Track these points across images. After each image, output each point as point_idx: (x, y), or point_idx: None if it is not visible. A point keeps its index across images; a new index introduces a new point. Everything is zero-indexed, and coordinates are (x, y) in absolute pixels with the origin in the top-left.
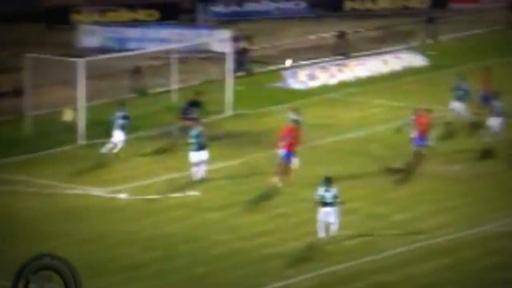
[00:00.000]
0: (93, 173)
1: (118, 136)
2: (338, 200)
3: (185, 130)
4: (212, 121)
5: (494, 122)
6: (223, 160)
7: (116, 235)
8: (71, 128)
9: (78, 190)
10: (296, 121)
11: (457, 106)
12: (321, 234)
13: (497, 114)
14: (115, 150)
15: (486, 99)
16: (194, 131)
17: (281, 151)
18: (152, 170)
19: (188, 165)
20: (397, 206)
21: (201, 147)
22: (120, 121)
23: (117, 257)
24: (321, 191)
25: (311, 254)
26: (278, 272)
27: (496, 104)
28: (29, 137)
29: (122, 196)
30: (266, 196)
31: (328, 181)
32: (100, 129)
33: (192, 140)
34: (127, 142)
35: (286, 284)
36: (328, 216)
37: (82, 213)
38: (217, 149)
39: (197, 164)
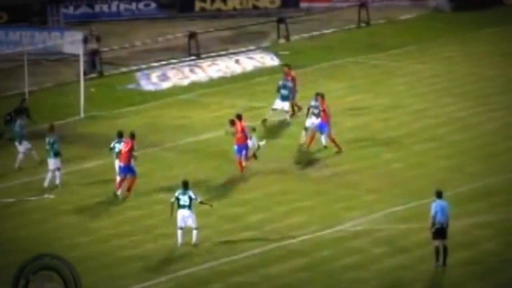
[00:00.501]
0: None
1: None
2: (196, 201)
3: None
4: (66, 123)
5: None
6: (76, 163)
7: None
8: None
9: None
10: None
11: (280, 105)
12: (180, 242)
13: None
14: None
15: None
16: (50, 138)
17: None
18: (7, 173)
19: (42, 168)
20: (252, 207)
21: (56, 154)
22: None
23: None
24: (178, 193)
25: (169, 255)
26: (136, 275)
27: (314, 104)
28: None
29: None
30: (120, 199)
31: (185, 184)
32: None
33: (48, 147)
34: None
35: (144, 287)
36: (186, 219)
37: None
38: (70, 151)
39: (53, 170)
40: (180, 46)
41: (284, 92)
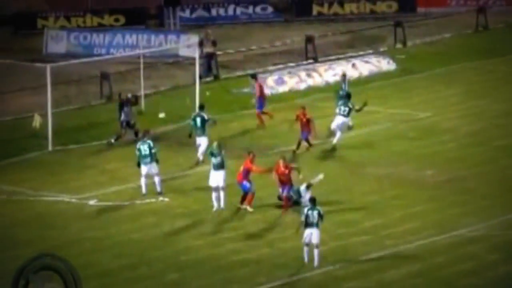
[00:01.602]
0: (62, 179)
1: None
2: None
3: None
4: (180, 128)
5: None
6: (191, 166)
7: (87, 241)
8: (38, 134)
9: (48, 197)
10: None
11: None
12: (307, 259)
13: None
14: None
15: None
16: (147, 143)
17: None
18: (120, 176)
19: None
20: (367, 212)
21: (156, 159)
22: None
23: (89, 264)
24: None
25: (283, 260)
26: (250, 279)
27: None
28: None
29: (92, 202)
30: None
31: (313, 200)
32: (67, 135)
33: (145, 153)
34: (97, 147)
35: None
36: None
37: (53, 219)
38: (185, 154)
39: (153, 175)
40: (296, 50)
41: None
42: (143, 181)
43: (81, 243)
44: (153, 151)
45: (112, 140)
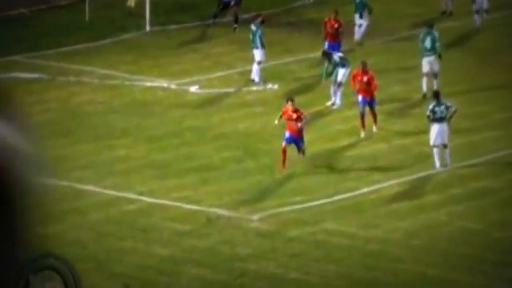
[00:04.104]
0: (161, 63)
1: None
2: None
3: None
4: (292, 8)
5: None
6: (303, 52)
7: (187, 132)
8: (134, 13)
9: (145, 82)
10: None
11: None
12: (438, 164)
13: None
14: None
15: None
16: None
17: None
18: (225, 61)
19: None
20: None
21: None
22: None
23: (189, 156)
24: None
25: (402, 156)
26: (364, 177)
27: None
28: (91, 23)
29: (193, 89)
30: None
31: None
32: (166, 14)
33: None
34: (200, 29)
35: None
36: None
37: (150, 107)
38: (297, 39)
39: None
40: None
41: None
42: (255, 68)
43: (181, 134)
44: (257, 36)
45: (211, 21)
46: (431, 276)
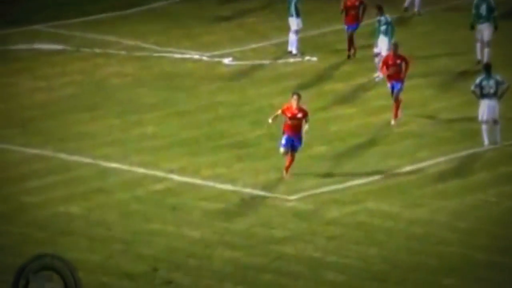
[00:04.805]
0: (191, 33)
1: None
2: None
3: None
4: None
5: None
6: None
7: (220, 106)
8: None
9: (175, 53)
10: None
11: None
12: (486, 142)
13: None
14: None
15: None
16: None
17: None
18: (261, 31)
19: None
20: None
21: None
22: None
23: (222, 132)
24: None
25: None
26: (409, 153)
27: None
28: None
29: (226, 61)
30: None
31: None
32: None
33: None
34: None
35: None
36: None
37: (181, 80)
38: None
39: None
40: None
41: None
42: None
43: (213, 108)
44: (293, 3)
45: None
46: (478, 260)
